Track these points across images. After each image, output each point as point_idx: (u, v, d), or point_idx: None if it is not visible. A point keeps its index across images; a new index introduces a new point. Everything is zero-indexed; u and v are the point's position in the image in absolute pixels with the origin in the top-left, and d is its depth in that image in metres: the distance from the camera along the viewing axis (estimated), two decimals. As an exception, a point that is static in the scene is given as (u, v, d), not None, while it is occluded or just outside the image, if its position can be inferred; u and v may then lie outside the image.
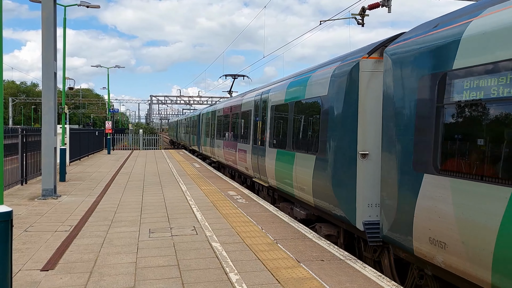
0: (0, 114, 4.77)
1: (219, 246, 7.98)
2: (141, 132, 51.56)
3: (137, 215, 10.73)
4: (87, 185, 16.20)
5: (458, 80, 5.53)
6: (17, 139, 15.31)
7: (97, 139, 35.98)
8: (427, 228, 5.95)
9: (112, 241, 8.33)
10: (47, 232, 8.99)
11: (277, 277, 6.37)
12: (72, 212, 11.01)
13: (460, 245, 5.34)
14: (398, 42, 7.10)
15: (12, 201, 12.41)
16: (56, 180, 13.78)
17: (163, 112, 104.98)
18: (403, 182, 6.56)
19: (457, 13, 6.04)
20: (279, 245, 8.06)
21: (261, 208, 11.65)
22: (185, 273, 6.52)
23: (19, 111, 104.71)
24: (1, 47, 4.82)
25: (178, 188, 15.37)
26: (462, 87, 5.45)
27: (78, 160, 26.71)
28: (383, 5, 16.87)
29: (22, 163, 15.55)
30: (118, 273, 6.51)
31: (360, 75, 8.22)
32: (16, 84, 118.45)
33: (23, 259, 7.12)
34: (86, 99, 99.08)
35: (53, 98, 13.25)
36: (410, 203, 6.30)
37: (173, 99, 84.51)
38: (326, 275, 6.47)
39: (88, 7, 21.89)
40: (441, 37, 5.94)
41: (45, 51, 13.07)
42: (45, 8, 13.06)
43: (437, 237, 5.76)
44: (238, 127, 18.70)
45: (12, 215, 4.69)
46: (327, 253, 7.55)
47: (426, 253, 6.05)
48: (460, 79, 5.50)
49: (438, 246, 5.74)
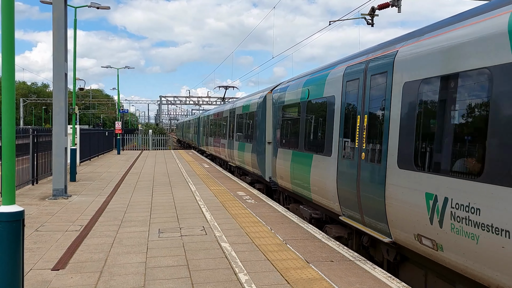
0: (12, 114, 4.81)
1: (228, 246, 7.98)
2: (151, 133, 51.77)
3: (146, 215, 10.77)
4: (97, 185, 16.30)
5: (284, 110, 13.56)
6: (28, 140, 15.45)
7: (107, 140, 36.18)
8: (280, 173, 13.38)
9: (122, 241, 8.37)
10: (57, 231, 9.06)
11: (286, 277, 6.37)
12: (82, 212, 11.09)
13: (289, 179, 12.36)
14: (276, 88, 15.40)
15: (23, 201, 12.52)
16: (67, 180, 13.88)
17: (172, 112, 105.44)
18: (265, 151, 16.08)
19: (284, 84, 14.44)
20: (288, 245, 8.05)
21: (270, 209, 11.65)
22: (194, 273, 6.54)
23: (30, 111, 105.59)
24: (13, 48, 4.86)
25: (187, 188, 15.41)
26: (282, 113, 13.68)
27: (88, 160, 26.89)
28: (393, 5, 16.79)
29: (33, 163, 15.68)
30: (128, 273, 6.54)
31: (267, 102, 16.46)
32: (27, 84, 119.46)
33: (34, 259, 7.18)
34: (96, 100, 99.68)
35: (63, 99, 13.35)
36: (273, 163, 14.50)
37: (182, 100, 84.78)
38: (336, 276, 6.45)
39: (98, 8, 22.04)
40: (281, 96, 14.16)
41: (55, 52, 13.18)
42: (56, 9, 13.16)
43: (282, 176, 13.12)
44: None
45: (24, 214, 4.73)
46: (337, 254, 7.52)
47: (280, 184, 13.57)
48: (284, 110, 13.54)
49: (283, 180, 13.07)
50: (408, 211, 6.59)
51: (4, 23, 4.82)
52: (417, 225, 6.34)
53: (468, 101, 5.70)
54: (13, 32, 4.87)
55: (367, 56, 8.56)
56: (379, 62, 7.87)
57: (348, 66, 9.19)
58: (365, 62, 8.43)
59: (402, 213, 6.78)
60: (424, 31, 6.99)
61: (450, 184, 5.69)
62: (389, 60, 7.47)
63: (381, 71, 7.70)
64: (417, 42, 6.89)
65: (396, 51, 7.37)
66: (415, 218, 6.38)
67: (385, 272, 6.69)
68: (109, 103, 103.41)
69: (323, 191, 9.82)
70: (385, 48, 7.99)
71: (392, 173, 7.03)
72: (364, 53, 8.96)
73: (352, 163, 8.49)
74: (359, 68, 8.58)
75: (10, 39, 4.84)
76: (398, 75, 7.13)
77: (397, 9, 16.80)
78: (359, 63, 8.70)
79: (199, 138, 39.84)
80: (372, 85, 8.03)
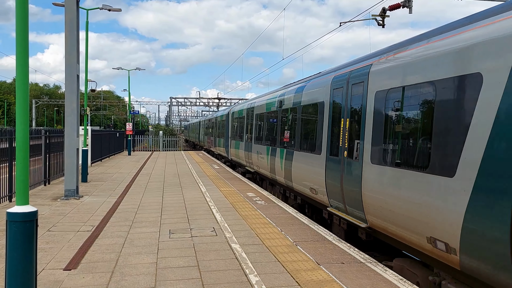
0: (26, 117, 4.87)
1: (238, 247, 8.00)
2: (161, 134, 51.98)
3: (157, 215, 10.82)
4: (108, 185, 16.41)
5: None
6: (40, 141, 15.60)
7: (117, 141, 36.40)
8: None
9: (133, 241, 8.42)
10: (69, 232, 9.14)
11: (297, 279, 6.36)
12: (94, 213, 11.17)
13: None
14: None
15: (35, 201, 12.64)
16: (78, 181, 13.99)
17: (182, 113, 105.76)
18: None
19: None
20: (299, 247, 8.04)
21: (281, 210, 11.64)
22: (205, 274, 6.56)
23: (42, 112, 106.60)
24: (27, 50, 4.92)
25: (197, 189, 15.46)
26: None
27: (99, 161, 27.07)
28: (404, 5, 16.71)
29: (45, 164, 15.83)
30: (139, 273, 6.57)
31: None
32: (39, 86, 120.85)
33: (46, 259, 7.24)
34: (107, 101, 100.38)
35: (75, 100, 13.47)
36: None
37: (193, 101, 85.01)
38: (347, 278, 6.43)
39: (110, 10, 22.19)
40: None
41: (68, 54, 13.30)
42: (68, 11, 13.29)
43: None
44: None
45: (37, 215, 4.78)
46: (347, 256, 7.50)
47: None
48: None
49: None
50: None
51: (18, 27, 4.88)
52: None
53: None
54: (27, 34, 4.93)
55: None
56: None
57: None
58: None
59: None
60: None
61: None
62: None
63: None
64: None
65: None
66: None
67: (396, 274, 6.66)
68: (120, 104, 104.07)
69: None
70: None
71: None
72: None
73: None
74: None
75: (24, 43, 4.90)
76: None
77: (408, 9, 16.73)
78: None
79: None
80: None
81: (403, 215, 7.09)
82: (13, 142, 11.95)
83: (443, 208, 6.07)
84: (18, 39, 4.88)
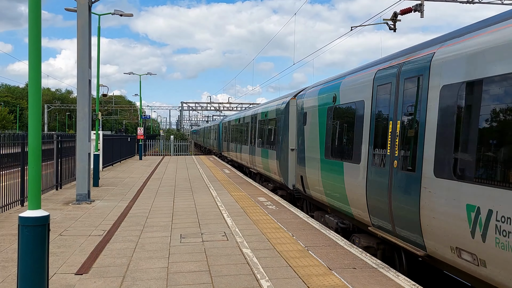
0: (38, 120, 4.89)
1: (249, 252, 7.96)
2: (172, 138, 52.17)
3: (168, 220, 10.82)
4: (120, 190, 16.46)
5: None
6: (52, 145, 15.71)
7: (129, 145, 36.59)
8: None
9: (144, 246, 8.42)
10: (81, 236, 9.16)
11: (308, 284, 6.30)
12: (105, 217, 11.20)
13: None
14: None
15: (47, 205, 12.71)
16: (90, 185, 14.06)
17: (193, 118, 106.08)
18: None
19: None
20: (310, 252, 7.98)
21: (292, 215, 11.58)
22: (216, 279, 6.52)
23: (54, 117, 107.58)
24: (39, 55, 4.95)
25: (208, 194, 15.45)
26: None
27: (110, 165, 27.21)
28: (416, 10, 16.63)
29: (57, 168, 15.94)
30: (150, 278, 6.56)
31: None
32: (51, 91, 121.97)
33: (58, 263, 7.26)
34: (118, 106, 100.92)
35: (87, 105, 13.56)
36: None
37: (203, 106, 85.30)
38: (359, 283, 6.36)
39: (122, 15, 22.35)
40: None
41: (80, 59, 13.40)
42: (80, 16, 13.40)
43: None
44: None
45: (49, 219, 4.79)
46: (359, 261, 7.43)
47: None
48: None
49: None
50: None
51: (31, 33, 4.91)
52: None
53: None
54: (40, 39, 4.96)
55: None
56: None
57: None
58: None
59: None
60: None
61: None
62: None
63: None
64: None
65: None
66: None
67: (409, 280, 6.56)
68: (131, 109, 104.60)
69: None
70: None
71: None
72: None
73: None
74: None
75: (37, 48, 4.92)
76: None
77: (420, 14, 16.64)
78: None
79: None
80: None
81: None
82: (25, 146, 12.05)
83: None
84: (30, 44, 4.91)
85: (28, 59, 4.91)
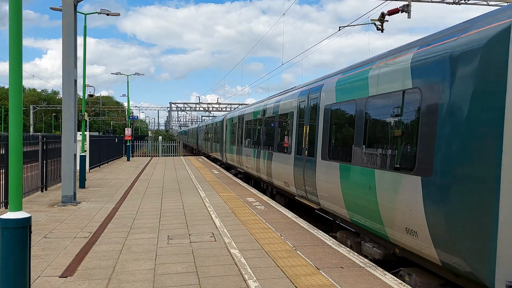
0: (19, 120, 4.78)
1: (237, 253, 7.90)
2: (160, 139, 51.88)
3: (156, 221, 10.72)
4: (107, 191, 16.30)
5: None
6: (37, 146, 15.49)
7: (116, 146, 36.30)
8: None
9: (131, 247, 8.31)
10: (66, 238, 9.03)
11: (296, 284, 6.27)
12: (91, 219, 11.07)
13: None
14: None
15: (32, 207, 12.54)
16: (76, 187, 13.89)
17: (182, 119, 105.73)
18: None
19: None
20: (298, 252, 7.94)
21: (280, 215, 11.55)
22: (203, 280, 6.46)
23: (40, 118, 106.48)
24: (20, 53, 4.84)
25: (197, 195, 15.36)
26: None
27: (97, 167, 26.96)
28: (403, 10, 16.71)
29: (42, 170, 15.73)
30: (136, 280, 6.48)
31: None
32: (37, 91, 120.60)
33: (42, 266, 7.14)
34: (106, 107, 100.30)
35: (73, 105, 13.39)
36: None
37: (192, 106, 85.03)
38: (346, 282, 6.33)
39: (108, 15, 22.14)
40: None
41: (65, 58, 13.23)
42: (65, 16, 13.23)
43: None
44: None
45: (30, 221, 4.69)
46: (347, 260, 7.41)
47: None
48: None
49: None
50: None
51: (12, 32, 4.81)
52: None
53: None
54: (21, 38, 4.86)
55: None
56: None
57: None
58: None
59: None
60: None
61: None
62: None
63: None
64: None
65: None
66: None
67: (396, 278, 6.57)
68: (119, 110, 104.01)
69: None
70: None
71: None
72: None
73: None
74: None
75: (18, 47, 4.82)
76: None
77: (407, 14, 16.73)
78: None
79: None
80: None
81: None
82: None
83: None
84: (11, 43, 4.81)
85: (9, 58, 4.81)
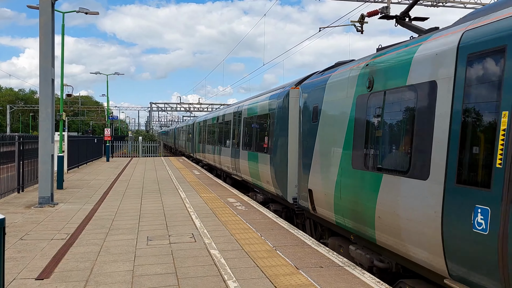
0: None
1: (217, 253, 7.87)
2: (141, 139, 51.45)
3: (135, 222, 10.62)
4: (85, 192, 16.09)
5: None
6: (14, 147, 15.21)
7: (96, 147, 35.87)
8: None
9: (109, 249, 8.22)
10: (43, 240, 8.88)
11: (276, 284, 6.27)
12: (69, 220, 10.91)
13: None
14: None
15: (8, 209, 12.30)
16: (54, 188, 13.68)
17: (163, 119, 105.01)
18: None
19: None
20: (278, 252, 7.95)
21: (261, 215, 11.55)
22: (182, 281, 6.42)
23: (17, 118, 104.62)
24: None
25: (177, 195, 15.27)
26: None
27: (76, 167, 26.60)
28: (382, 12, 16.86)
29: (19, 170, 15.45)
30: (114, 282, 6.40)
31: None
32: (14, 91, 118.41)
33: (17, 268, 7.01)
34: (85, 107, 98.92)
35: (50, 105, 13.17)
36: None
37: (173, 106, 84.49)
38: (325, 281, 6.36)
39: (87, 13, 21.91)
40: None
41: (42, 57, 13.01)
42: (43, 14, 13.01)
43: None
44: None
45: (4, 223, 4.59)
46: (326, 260, 7.45)
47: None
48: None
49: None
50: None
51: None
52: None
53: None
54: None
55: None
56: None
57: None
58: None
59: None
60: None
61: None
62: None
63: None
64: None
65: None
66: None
67: (374, 277, 6.63)
68: (99, 110, 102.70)
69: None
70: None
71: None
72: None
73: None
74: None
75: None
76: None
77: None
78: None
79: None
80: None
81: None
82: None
83: None
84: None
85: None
